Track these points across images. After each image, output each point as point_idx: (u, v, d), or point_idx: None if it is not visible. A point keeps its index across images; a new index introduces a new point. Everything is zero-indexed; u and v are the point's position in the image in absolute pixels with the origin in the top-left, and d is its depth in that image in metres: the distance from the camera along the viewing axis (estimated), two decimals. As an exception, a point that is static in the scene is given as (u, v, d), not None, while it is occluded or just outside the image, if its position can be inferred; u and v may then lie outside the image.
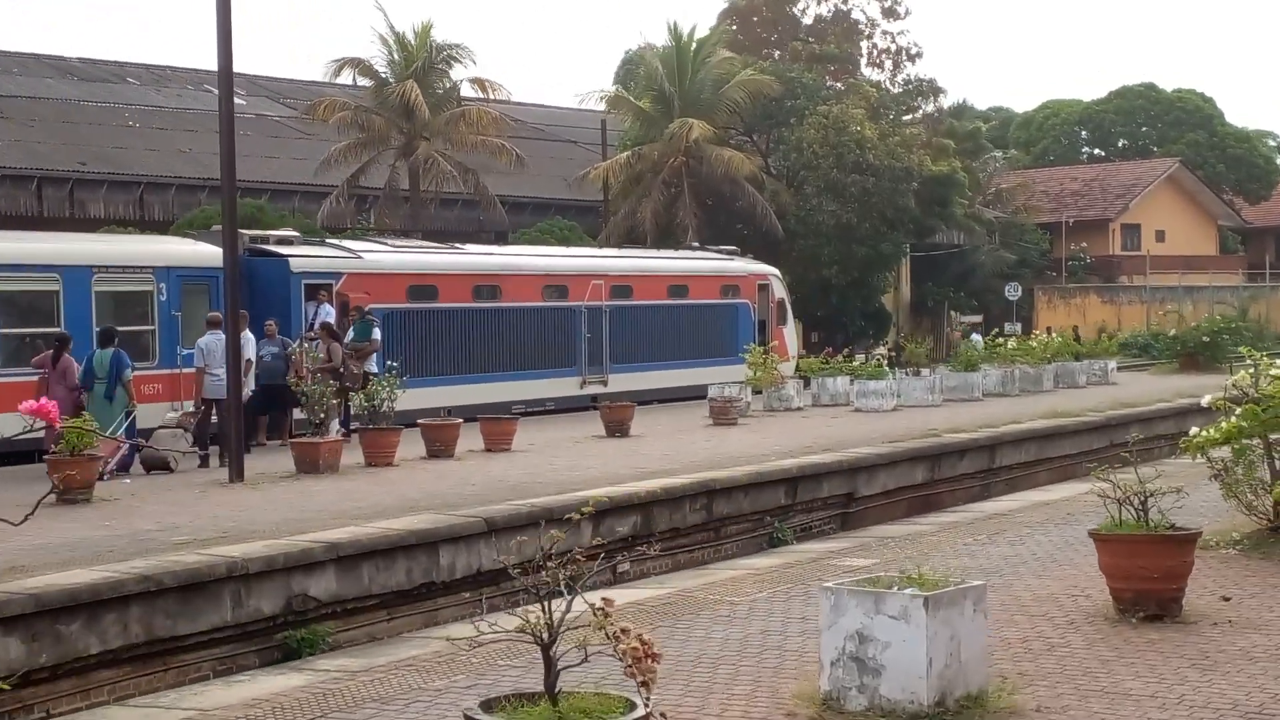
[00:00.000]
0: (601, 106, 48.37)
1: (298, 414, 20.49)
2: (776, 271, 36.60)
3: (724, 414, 26.58)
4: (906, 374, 31.51)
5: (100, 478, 18.04)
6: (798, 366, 33.46)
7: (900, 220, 46.81)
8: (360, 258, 25.33)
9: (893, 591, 7.22)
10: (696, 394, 27.90)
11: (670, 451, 21.22)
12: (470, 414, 23.44)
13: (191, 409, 20.36)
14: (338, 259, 24.90)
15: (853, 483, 20.41)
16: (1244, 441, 11.08)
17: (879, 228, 45.80)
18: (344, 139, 39.83)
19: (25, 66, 44.97)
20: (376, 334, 22.55)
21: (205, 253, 19.59)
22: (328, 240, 26.26)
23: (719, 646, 9.39)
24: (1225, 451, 11.65)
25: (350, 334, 22.39)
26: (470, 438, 21.50)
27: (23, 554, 12.04)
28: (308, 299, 23.40)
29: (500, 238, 38.59)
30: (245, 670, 11.57)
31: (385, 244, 26.93)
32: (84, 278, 20.02)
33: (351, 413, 20.58)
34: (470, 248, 29.22)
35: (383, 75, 40.64)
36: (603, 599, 6.06)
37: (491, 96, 41.59)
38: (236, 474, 17.82)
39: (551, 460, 19.98)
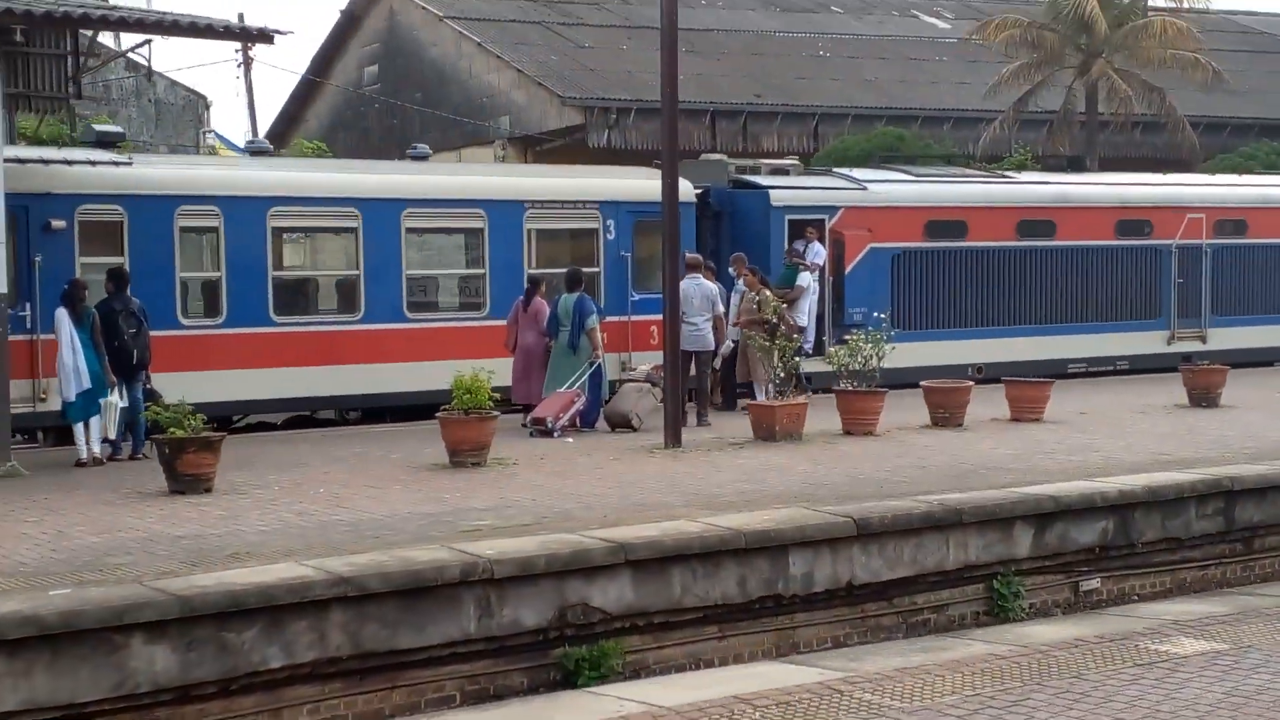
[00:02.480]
0: None
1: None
2: None
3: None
4: None
5: (551, 433, 16.81)
6: None
7: None
8: (865, 189, 22.22)
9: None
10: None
11: (1263, 429, 17.10)
12: (1012, 373, 20.11)
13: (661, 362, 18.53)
14: (834, 191, 21.96)
15: None
16: None
17: None
18: (1014, 60, 36.92)
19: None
20: (805, 279, 19.57)
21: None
22: (835, 171, 23.29)
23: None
24: None
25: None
26: (996, 403, 18.35)
27: (320, 532, 10.77)
28: (793, 236, 20.81)
29: (1184, 165, 33.92)
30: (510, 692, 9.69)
31: (909, 173, 23.53)
32: (513, 214, 18.63)
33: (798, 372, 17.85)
34: (1022, 176, 25.14)
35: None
36: None
37: (1184, 5, 37.30)
38: (673, 439, 15.85)
39: (1085, 437, 16.45)
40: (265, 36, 15.37)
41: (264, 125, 45.74)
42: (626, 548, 10.27)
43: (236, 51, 42.57)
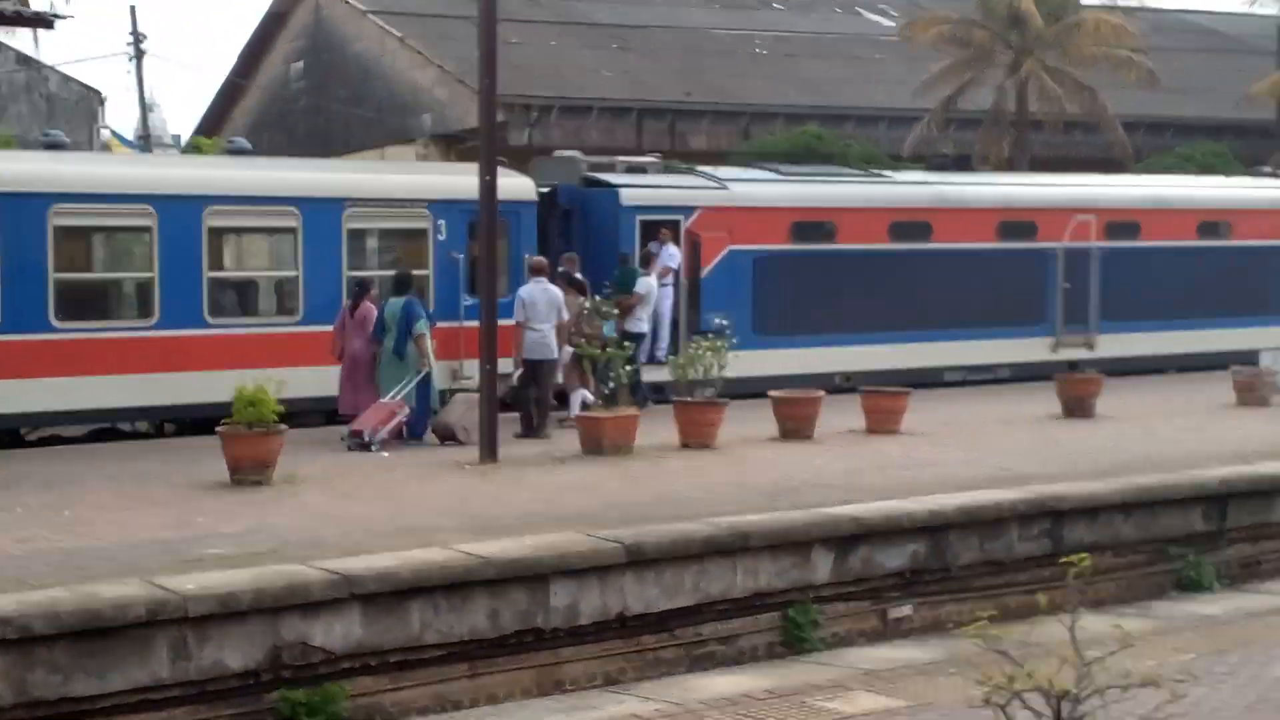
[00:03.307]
0: (1274, 9, 41.48)
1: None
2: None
3: (1249, 391, 20.72)
4: None
5: (368, 447, 15.78)
6: None
7: None
8: (725, 188, 21.15)
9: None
10: (1245, 361, 21.89)
11: (1129, 443, 16.34)
12: (885, 381, 19.21)
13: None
14: (691, 190, 20.92)
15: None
16: None
17: None
18: (944, 58, 36.09)
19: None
20: (644, 284, 18.56)
21: (503, 184, 16.65)
22: (697, 170, 22.29)
23: None
24: None
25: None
26: (859, 414, 17.47)
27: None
28: (647, 238, 19.83)
29: (1117, 166, 33.17)
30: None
31: (777, 173, 22.53)
32: (331, 213, 17.54)
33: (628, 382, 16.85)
34: (898, 176, 24.18)
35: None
36: None
37: (1119, 2, 36.74)
38: (489, 454, 14.86)
39: (934, 451, 15.60)
40: (44, 22, 14.31)
41: (181, 123, 44.57)
42: (353, 580, 9.28)
43: (128, 45, 41.35)
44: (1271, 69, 39.36)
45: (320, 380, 16.99)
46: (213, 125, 44.81)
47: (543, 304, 17.08)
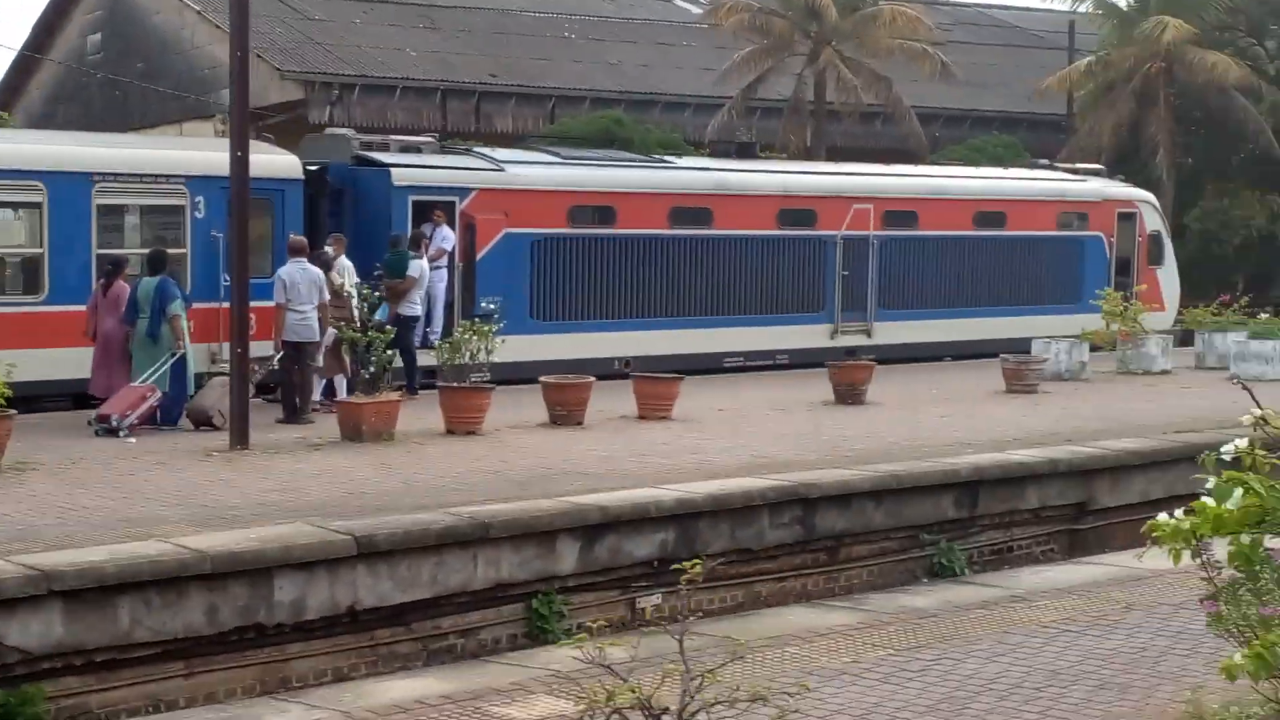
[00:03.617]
0: (1066, 4, 42.28)
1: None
2: (1149, 197, 29.66)
3: (1018, 379, 21.13)
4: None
5: (116, 432, 15.06)
6: (1182, 319, 27.04)
7: None
8: (502, 170, 20.80)
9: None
10: (1021, 350, 22.35)
11: (893, 429, 16.47)
12: (664, 367, 19.10)
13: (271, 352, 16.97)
14: (467, 171, 20.51)
15: (1087, 489, 14.78)
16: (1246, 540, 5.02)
17: None
18: (745, 45, 35.94)
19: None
20: (415, 267, 18.13)
21: (265, 161, 16.02)
22: (475, 150, 21.91)
23: None
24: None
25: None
26: (629, 400, 17.30)
27: None
28: (420, 219, 19.40)
29: (914, 157, 33.50)
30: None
31: (556, 155, 22.30)
32: (79, 187, 16.75)
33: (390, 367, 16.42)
34: (680, 161, 24.15)
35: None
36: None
37: None
38: (239, 440, 14.30)
39: (699, 437, 15.47)
40: None
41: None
42: (51, 576, 8.73)
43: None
44: (1064, 63, 40.42)
45: (69, 362, 16.20)
46: (7, 99, 42.89)
47: (304, 285, 16.55)
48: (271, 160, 16.72)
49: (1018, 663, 7.79)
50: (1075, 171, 29.12)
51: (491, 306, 18.34)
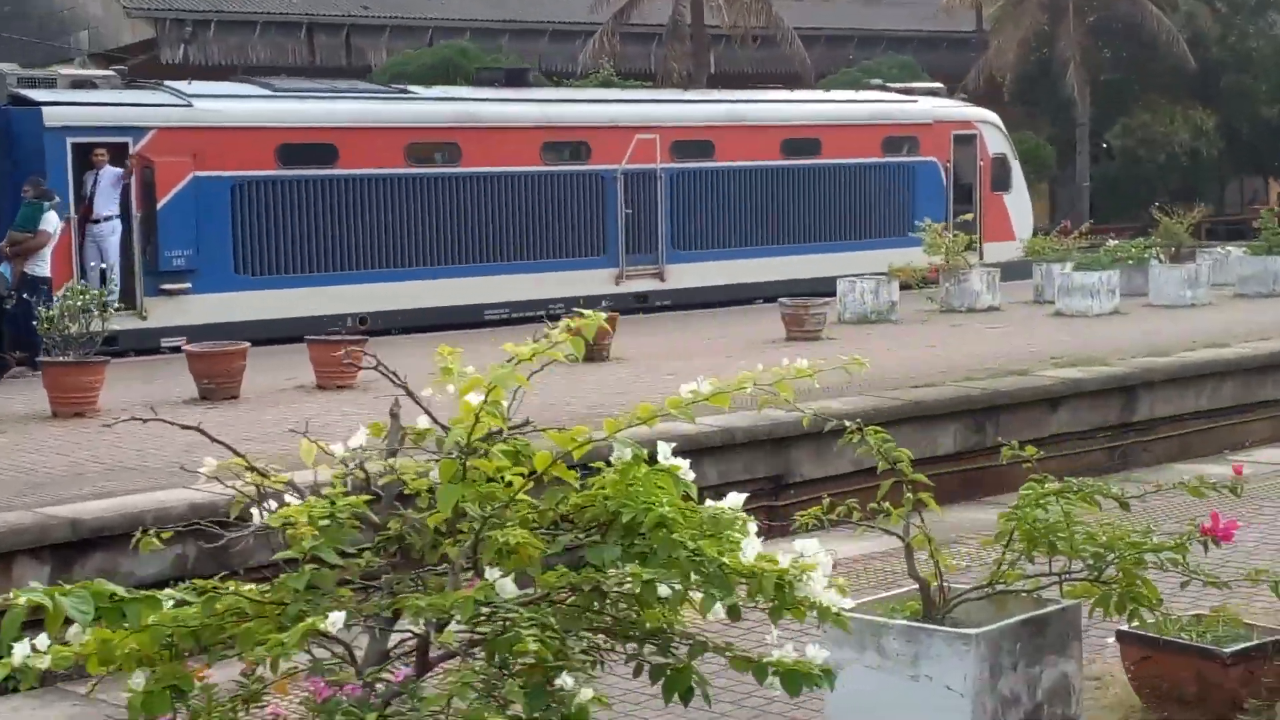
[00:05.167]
0: None
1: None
2: (992, 117, 27.43)
3: (797, 324, 19.17)
4: (1159, 260, 23.08)
5: None
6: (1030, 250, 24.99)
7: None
8: (190, 106, 18.69)
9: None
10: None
11: (604, 391, 14.28)
12: (410, 323, 17.19)
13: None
14: (142, 108, 18.38)
15: (781, 460, 12.88)
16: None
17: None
18: None
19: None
20: (50, 221, 16.10)
21: None
22: (165, 85, 19.43)
23: None
24: None
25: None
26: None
27: None
28: (83, 165, 17.27)
29: (798, 81, 31.37)
30: None
31: (267, 88, 20.00)
32: None
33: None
34: (422, 91, 21.80)
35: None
36: None
37: None
38: None
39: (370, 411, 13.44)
40: None
41: None
42: None
43: None
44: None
45: None
46: None
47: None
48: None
49: None
50: (909, 92, 26.95)
51: (180, 261, 16.25)
